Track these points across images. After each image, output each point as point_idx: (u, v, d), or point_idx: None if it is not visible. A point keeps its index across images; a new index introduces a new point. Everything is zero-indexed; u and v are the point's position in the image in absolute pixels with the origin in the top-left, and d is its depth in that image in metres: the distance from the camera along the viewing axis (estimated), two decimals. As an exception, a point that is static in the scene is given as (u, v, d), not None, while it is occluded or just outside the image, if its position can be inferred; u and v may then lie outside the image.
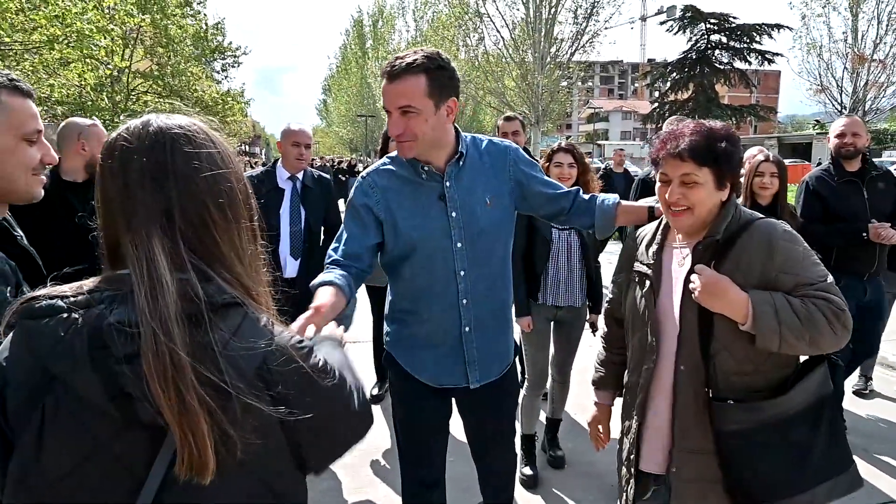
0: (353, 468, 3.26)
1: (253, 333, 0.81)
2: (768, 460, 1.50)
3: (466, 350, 1.92)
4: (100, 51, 11.66)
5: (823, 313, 1.46)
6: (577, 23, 21.93)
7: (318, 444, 0.89)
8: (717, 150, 1.55)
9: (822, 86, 19.75)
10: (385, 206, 1.86)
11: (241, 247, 0.88)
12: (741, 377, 1.57)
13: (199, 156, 0.84)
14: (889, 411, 3.99)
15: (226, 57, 27.25)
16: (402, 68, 1.68)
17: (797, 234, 1.59)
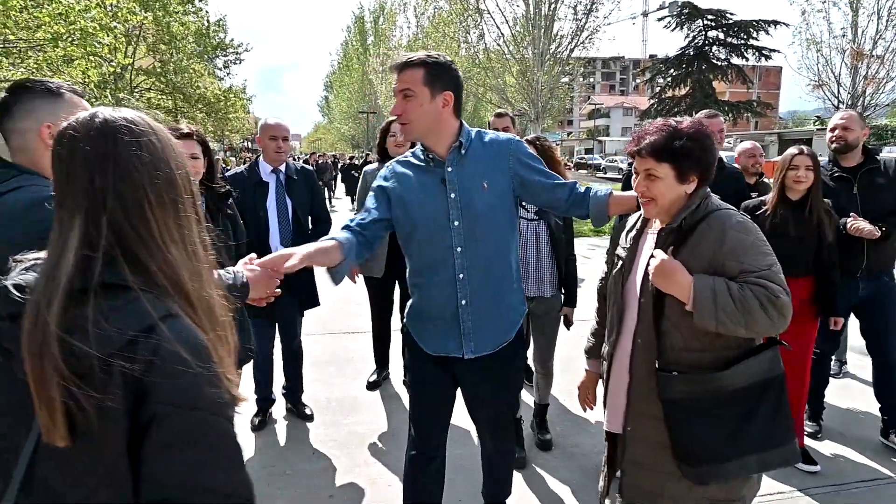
0: (349, 448, 3.41)
1: (131, 317, 0.83)
2: (706, 428, 1.66)
3: (462, 322, 2.10)
4: (103, 48, 11.75)
5: (758, 299, 1.57)
6: (576, 19, 21.96)
7: (159, 456, 0.83)
8: (675, 147, 1.70)
9: (821, 81, 19.81)
10: (398, 187, 2.14)
11: (178, 232, 0.93)
12: (689, 353, 1.72)
13: (140, 145, 0.90)
14: (863, 395, 4.12)
15: (227, 54, 27.38)
16: (405, 62, 2.03)
17: (751, 224, 1.71)
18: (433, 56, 2.03)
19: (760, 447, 1.67)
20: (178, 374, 0.83)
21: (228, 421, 0.89)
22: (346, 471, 3.19)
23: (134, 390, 0.81)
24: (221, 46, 27.12)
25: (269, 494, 2.94)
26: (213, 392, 0.86)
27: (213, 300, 0.96)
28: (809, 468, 3.16)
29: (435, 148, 2.10)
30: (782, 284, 1.62)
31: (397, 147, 3.93)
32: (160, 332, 0.84)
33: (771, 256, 1.67)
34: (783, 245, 3.04)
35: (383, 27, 46.71)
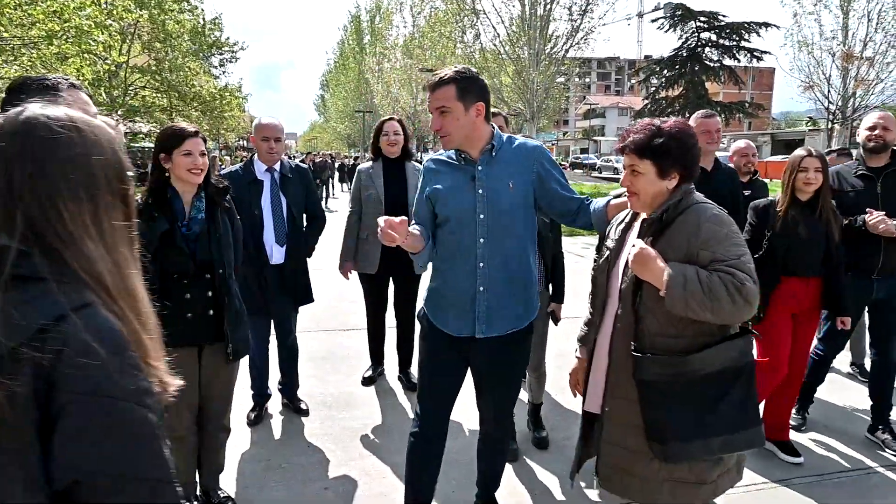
0: (343, 442, 3.47)
1: (42, 307, 0.85)
2: (677, 409, 1.77)
3: (478, 306, 2.30)
4: (98, 46, 11.75)
5: (725, 286, 1.67)
6: (571, 19, 22.07)
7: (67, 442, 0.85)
8: (655, 145, 1.83)
9: (812, 82, 19.98)
10: (433, 182, 2.38)
11: (95, 227, 0.94)
12: (664, 338, 1.83)
13: (56, 143, 0.93)
14: (849, 390, 4.22)
15: (223, 52, 27.40)
16: (437, 81, 2.22)
17: (726, 218, 1.81)
18: (461, 71, 2.22)
19: (727, 430, 1.76)
20: (86, 364, 0.85)
21: (145, 408, 0.90)
22: (340, 464, 3.25)
23: (43, 379, 0.83)
24: (217, 45, 27.14)
25: (265, 486, 3.00)
26: (126, 380, 0.88)
27: (135, 291, 0.99)
28: (793, 460, 3.24)
29: (470, 151, 2.30)
30: (750, 273, 1.70)
31: (390, 146, 4.00)
32: (71, 322, 0.86)
33: (742, 247, 1.76)
34: (795, 246, 3.12)
35: (380, 26, 46.69)
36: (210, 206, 2.50)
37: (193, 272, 2.43)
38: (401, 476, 3.04)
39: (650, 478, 1.88)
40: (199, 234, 2.44)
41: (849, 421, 3.80)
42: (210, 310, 2.49)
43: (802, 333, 3.30)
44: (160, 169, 2.41)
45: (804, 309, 3.25)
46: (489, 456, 2.67)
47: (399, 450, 3.34)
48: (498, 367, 2.42)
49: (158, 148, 2.40)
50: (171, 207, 2.40)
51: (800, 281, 3.19)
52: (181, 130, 2.42)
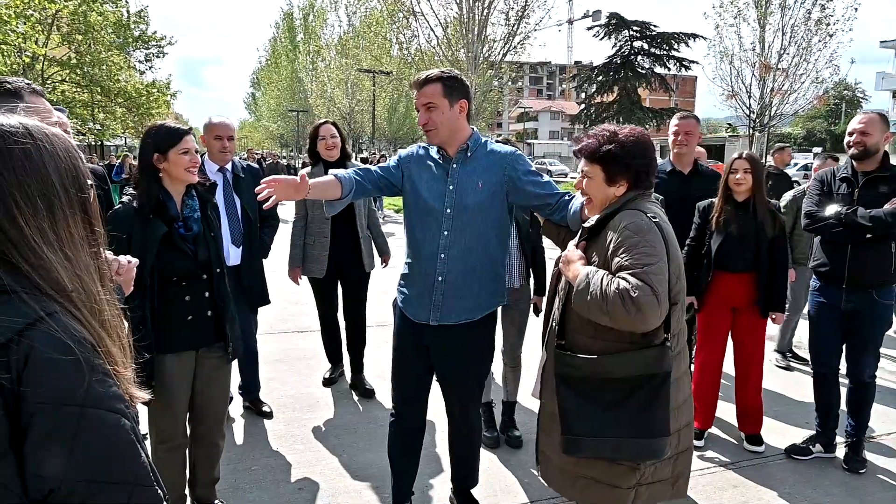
0: (312, 443, 3.46)
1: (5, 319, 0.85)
2: (579, 404, 1.86)
3: (434, 295, 2.42)
4: (17, 37, 11.06)
5: (620, 292, 1.69)
6: (508, 24, 22.52)
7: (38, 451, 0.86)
8: (601, 151, 1.91)
9: (734, 91, 21.21)
10: (412, 167, 2.49)
11: (53, 234, 0.94)
12: (583, 337, 1.91)
13: (10, 153, 0.92)
14: (791, 381, 4.57)
15: (149, 47, 26.18)
16: (424, 79, 2.36)
17: (647, 226, 1.80)
18: (446, 72, 2.37)
19: (621, 434, 1.81)
20: (51, 373, 0.85)
21: (116, 412, 0.91)
22: (311, 463, 3.24)
23: (10, 393, 0.84)
24: (143, 39, 25.92)
25: (238, 488, 2.96)
26: (93, 386, 0.89)
27: (98, 298, 0.98)
28: (754, 448, 3.48)
29: (448, 149, 2.43)
30: (651, 284, 1.69)
31: (328, 150, 3.97)
32: (33, 333, 0.86)
33: (651, 258, 1.74)
34: (725, 242, 3.35)
35: (314, 25, 45.98)
36: (202, 205, 2.46)
37: (194, 273, 2.38)
38: (374, 473, 3.10)
39: (566, 470, 1.98)
40: (197, 234, 2.39)
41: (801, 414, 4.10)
42: (209, 311, 2.45)
43: (746, 326, 3.48)
44: (153, 170, 2.33)
45: (742, 303, 3.44)
46: (459, 450, 2.74)
47: (368, 447, 3.38)
48: (452, 356, 2.51)
49: (151, 148, 2.31)
50: (166, 209, 2.34)
51: (732, 276, 3.40)
52: (176, 129, 2.36)
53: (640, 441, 1.80)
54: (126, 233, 2.23)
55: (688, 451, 2.01)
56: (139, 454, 0.94)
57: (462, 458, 2.76)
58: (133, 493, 0.92)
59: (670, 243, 1.85)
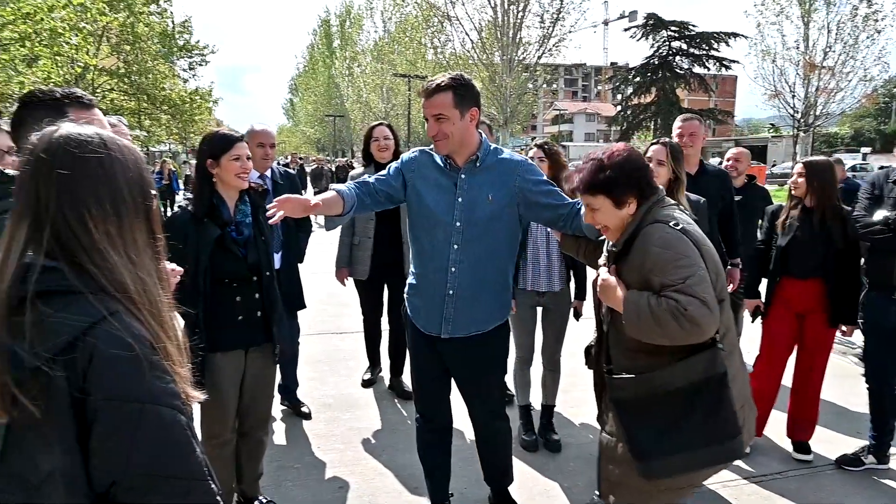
0: (353, 443, 3.52)
1: (69, 320, 0.90)
2: (645, 426, 1.83)
3: (445, 307, 2.40)
4: (70, 48, 11.53)
5: (671, 311, 1.69)
6: (543, 27, 22.45)
7: (102, 446, 0.91)
8: (599, 181, 1.88)
9: (776, 91, 20.67)
10: (416, 175, 2.43)
11: (120, 239, 0.99)
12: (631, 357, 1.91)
13: (86, 161, 0.97)
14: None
15: (193, 55, 26.97)
16: (434, 88, 2.25)
17: (675, 238, 1.79)
18: (457, 78, 2.27)
19: (688, 447, 1.78)
20: (114, 370, 0.91)
21: (174, 409, 0.96)
22: (352, 463, 3.30)
23: (77, 389, 0.89)
24: (186, 48, 26.73)
25: (280, 485, 3.04)
26: (153, 384, 0.93)
27: (158, 301, 1.03)
28: (801, 456, 3.40)
29: (457, 159, 2.36)
30: (696, 295, 1.70)
31: (381, 151, 4.01)
32: (98, 331, 0.91)
33: (687, 269, 1.74)
34: (790, 246, 3.27)
35: (350, 31, 46.63)
36: (253, 211, 2.54)
37: (244, 275, 2.46)
38: (414, 474, 3.12)
39: (640, 488, 1.92)
40: (248, 238, 2.47)
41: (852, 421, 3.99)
42: (258, 311, 2.52)
43: (811, 332, 3.35)
44: (207, 175, 2.42)
45: (808, 309, 3.33)
46: (487, 453, 2.74)
47: (407, 448, 3.41)
48: (467, 367, 2.52)
49: (206, 154, 2.41)
50: (219, 213, 2.42)
51: (797, 281, 3.32)
52: (229, 136, 2.45)
53: (714, 448, 1.78)
54: (182, 236, 2.32)
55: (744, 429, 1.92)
56: (195, 450, 0.99)
57: (492, 461, 2.75)
58: (190, 488, 0.96)
59: (701, 244, 1.83)
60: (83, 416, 0.90)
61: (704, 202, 3.03)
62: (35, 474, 0.92)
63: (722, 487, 3.08)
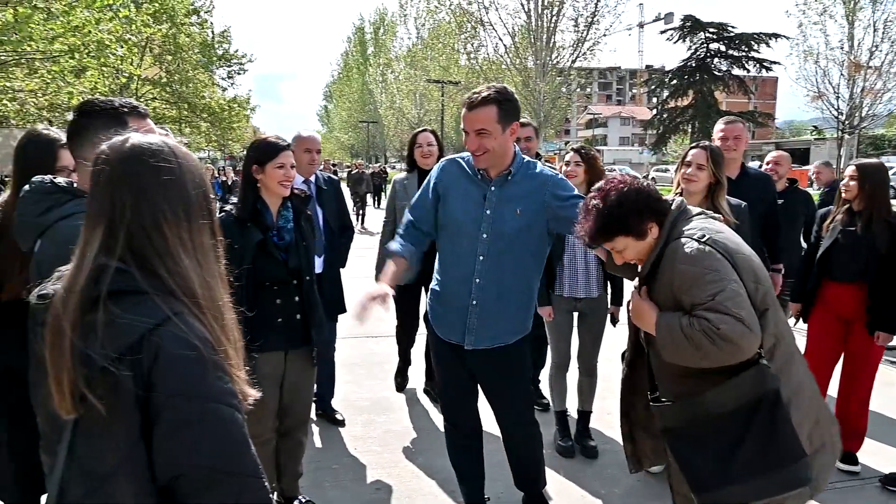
0: (389, 445, 3.56)
1: (137, 320, 0.95)
2: (699, 454, 1.72)
3: (469, 318, 2.40)
4: (116, 59, 11.94)
5: (704, 332, 1.62)
6: (577, 31, 22.32)
7: (165, 441, 0.95)
8: (610, 225, 1.82)
9: (819, 92, 20.10)
10: (445, 184, 2.43)
11: (190, 243, 1.04)
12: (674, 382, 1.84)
13: (158, 169, 1.02)
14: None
15: (231, 64, 27.64)
16: (479, 101, 2.21)
17: (700, 252, 1.70)
18: (502, 92, 2.24)
19: (753, 473, 1.65)
20: (178, 368, 0.95)
21: (232, 408, 1.00)
22: (388, 465, 3.34)
23: (143, 385, 0.94)
24: (225, 57, 27.39)
25: (319, 486, 3.09)
26: (214, 383, 0.98)
27: (222, 304, 1.08)
28: (848, 468, 3.29)
29: (490, 171, 2.36)
30: (727, 312, 1.62)
31: (424, 158, 4.04)
32: (164, 330, 0.96)
33: (716, 285, 1.65)
34: (833, 249, 3.20)
35: (383, 38, 47.12)
36: (296, 216, 2.60)
37: (285, 279, 2.53)
38: (450, 477, 3.12)
39: None
40: (289, 243, 2.54)
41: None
42: (298, 314, 2.58)
43: (858, 338, 3.26)
44: (252, 181, 2.50)
45: (853, 314, 3.25)
46: (516, 457, 2.71)
47: (443, 451, 3.37)
48: (490, 376, 2.52)
49: (252, 160, 2.49)
50: (262, 218, 2.49)
51: (840, 285, 3.25)
52: (274, 144, 2.51)
53: (774, 476, 1.65)
54: (226, 240, 2.39)
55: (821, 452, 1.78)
56: (250, 448, 1.03)
57: (522, 466, 2.72)
58: (246, 485, 1.00)
59: (734, 253, 1.73)
60: (147, 413, 0.95)
61: (746, 206, 2.99)
62: (101, 467, 0.97)
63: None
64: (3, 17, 9.58)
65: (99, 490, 0.97)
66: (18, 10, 9.42)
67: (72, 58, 10.91)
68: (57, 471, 1.01)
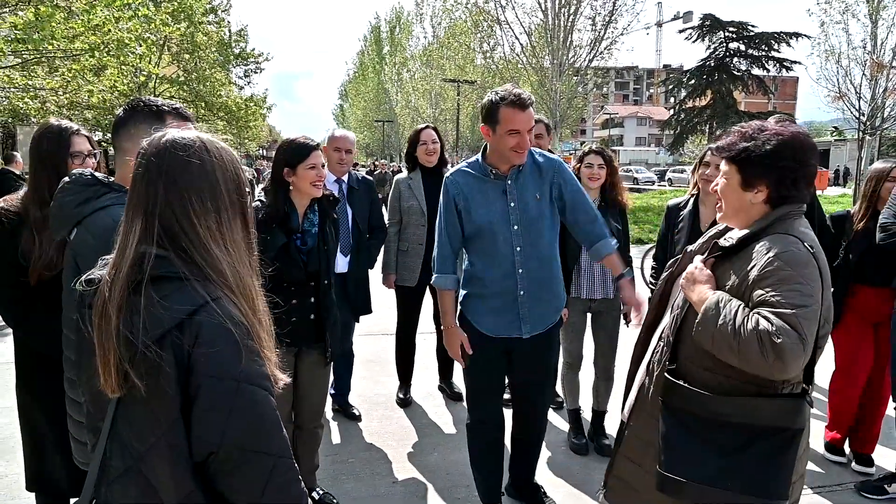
0: (405, 440, 3.58)
1: (178, 303, 1.01)
2: (688, 444, 1.61)
3: (521, 309, 2.51)
4: (136, 58, 12.09)
5: (759, 333, 1.46)
6: (594, 30, 22.19)
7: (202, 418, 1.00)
8: (738, 149, 1.67)
9: (841, 92, 19.80)
10: (462, 197, 2.50)
11: (220, 232, 1.10)
12: (699, 369, 1.67)
13: (189, 164, 1.09)
14: None
15: (248, 63, 27.84)
16: (531, 102, 2.36)
17: (805, 259, 1.55)
18: None
19: (729, 486, 1.56)
20: (216, 350, 1.00)
21: (265, 390, 1.05)
22: (404, 459, 3.36)
23: (183, 365, 0.99)
24: (242, 56, 27.60)
25: (336, 479, 3.11)
26: (249, 365, 1.03)
27: (252, 290, 1.13)
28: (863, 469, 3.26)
29: (500, 167, 2.47)
30: (798, 329, 1.45)
31: (428, 155, 3.93)
32: (203, 313, 1.01)
33: (806, 298, 1.49)
34: (864, 253, 3.12)
35: (399, 37, 47.22)
36: (321, 219, 2.62)
37: (302, 281, 2.55)
38: (466, 472, 3.13)
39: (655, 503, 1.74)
40: (311, 248, 2.57)
41: None
42: (312, 315, 2.60)
43: (885, 341, 3.18)
44: (284, 184, 2.51)
45: (883, 319, 3.17)
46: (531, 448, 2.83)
47: (458, 447, 3.44)
48: (540, 360, 2.66)
49: (282, 163, 2.50)
50: (289, 221, 2.52)
51: (871, 289, 3.18)
52: (304, 144, 2.53)
53: (751, 500, 1.55)
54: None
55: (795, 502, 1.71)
56: (282, 429, 1.07)
57: (534, 454, 2.87)
58: (276, 464, 1.04)
59: (825, 280, 1.58)
60: (187, 391, 1.00)
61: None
62: (140, 444, 1.01)
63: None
64: (25, 16, 9.74)
65: (137, 466, 1.01)
66: (40, 9, 9.56)
67: (92, 56, 11.05)
68: (99, 448, 1.06)
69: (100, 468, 1.05)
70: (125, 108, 1.79)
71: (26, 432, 2.32)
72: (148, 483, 1.01)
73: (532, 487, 2.91)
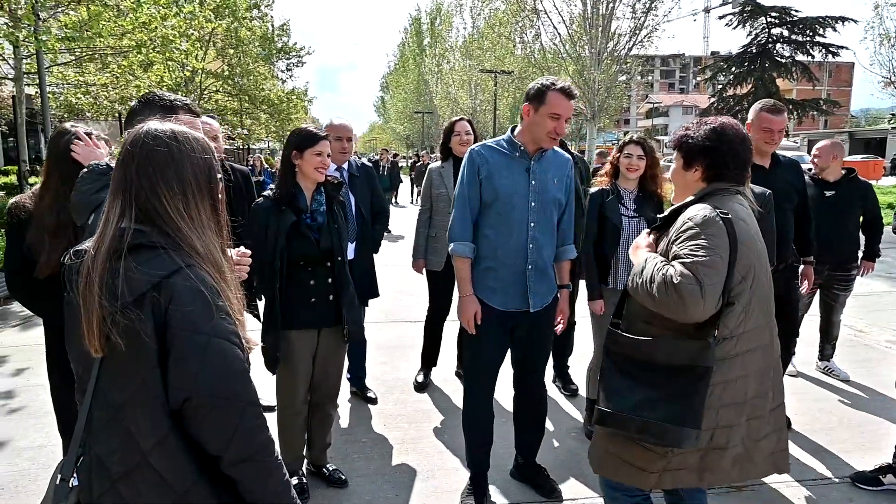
0: (417, 423, 3.72)
1: (155, 267, 1.15)
2: (619, 382, 1.94)
3: (529, 283, 2.68)
4: (181, 54, 12.52)
5: (664, 277, 1.78)
6: (635, 17, 21.77)
7: (176, 368, 1.15)
8: (682, 137, 2.05)
9: (893, 78, 18.93)
10: (487, 168, 2.66)
11: (188, 212, 1.24)
12: (639, 322, 2.00)
13: (156, 152, 1.23)
14: None
15: (290, 57, 28.43)
16: (576, 94, 2.59)
17: (712, 222, 1.80)
18: None
19: (648, 416, 1.83)
20: (190, 307, 1.15)
21: (234, 346, 1.19)
22: (414, 441, 3.49)
23: (160, 319, 1.14)
24: (285, 50, 28.18)
25: (347, 457, 3.27)
26: (219, 322, 1.18)
27: (221, 263, 1.27)
28: None
29: (529, 146, 2.66)
30: (697, 275, 1.73)
31: (462, 146, 4.04)
32: (178, 276, 1.16)
33: (704, 250, 1.76)
34: None
35: (439, 28, 47.21)
36: (328, 200, 2.78)
37: (317, 259, 2.70)
38: (472, 454, 3.26)
39: (603, 448, 2.07)
40: (321, 225, 2.72)
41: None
42: (331, 295, 2.75)
43: None
44: (291, 166, 2.69)
45: None
46: (532, 416, 2.97)
47: (468, 431, 3.55)
48: (542, 333, 2.84)
49: (293, 146, 2.68)
50: (296, 201, 2.69)
51: None
52: (314, 132, 2.70)
53: (665, 426, 1.81)
54: (264, 221, 2.63)
55: (721, 450, 1.91)
56: (250, 381, 1.23)
57: (538, 428, 3.01)
58: (244, 410, 1.20)
59: (743, 241, 1.82)
60: (164, 343, 1.16)
61: (770, 194, 2.96)
62: (120, 395, 1.18)
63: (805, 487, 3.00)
64: (77, 14, 10.22)
65: (117, 415, 1.17)
66: (90, 7, 10.02)
67: (139, 53, 11.49)
68: (85, 405, 1.22)
69: (85, 423, 1.21)
70: (140, 100, 1.92)
71: (56, 407, 2.52)
72: (128, 432, 1.16)
73: (535, 468, 3.02)
